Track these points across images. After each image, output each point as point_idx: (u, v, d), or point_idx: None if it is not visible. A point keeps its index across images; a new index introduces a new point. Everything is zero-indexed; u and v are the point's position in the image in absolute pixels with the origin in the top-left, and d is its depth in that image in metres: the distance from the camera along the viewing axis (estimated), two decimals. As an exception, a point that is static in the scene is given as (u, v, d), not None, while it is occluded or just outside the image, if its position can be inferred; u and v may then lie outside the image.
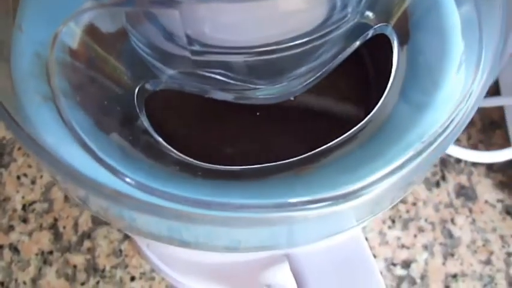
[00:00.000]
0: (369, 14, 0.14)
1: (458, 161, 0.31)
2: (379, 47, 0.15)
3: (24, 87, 0.12)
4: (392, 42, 0.15)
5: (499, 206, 0.30)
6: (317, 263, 0.13)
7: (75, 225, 0.29)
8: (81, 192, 0.12)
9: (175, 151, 0.12)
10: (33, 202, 0.29)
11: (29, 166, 0.30)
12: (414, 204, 0.30)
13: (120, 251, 0.28)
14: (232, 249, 0.12)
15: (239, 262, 0.16)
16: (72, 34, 0.13)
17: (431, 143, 0.12)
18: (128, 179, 0.11)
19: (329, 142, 0.13)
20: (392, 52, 0.15)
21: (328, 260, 0.13)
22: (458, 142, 0.31)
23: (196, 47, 0.12)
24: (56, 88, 0.12)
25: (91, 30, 0.13)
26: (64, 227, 0.29)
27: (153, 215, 0.11)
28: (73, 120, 0.11)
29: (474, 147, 0.31)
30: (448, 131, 0.12)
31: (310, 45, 0.13)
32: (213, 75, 0.13)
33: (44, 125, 0.12)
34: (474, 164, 0.31)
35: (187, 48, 0.12)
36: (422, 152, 0.12)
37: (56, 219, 0.29)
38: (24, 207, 0.29)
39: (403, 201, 0.30)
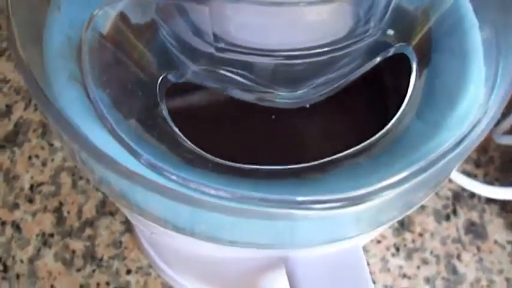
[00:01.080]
0: (391, 32, 0.15)
1: (472, 196, 0.31)
2: (397, 65, 0.16)
3: (53, 66, 0.13)
4: (411, 61, 0.16)
5: (509, 247, 0.30)
6: (313, 268, 0.14)
7: (79, 211, 0.30)
8: (97, 168, 0.13)
9: (188, 142, 0.13)
10: (41, 184, 0.30)
11: (42, 148, 0.32)
12: (421, 234, 0.30)
13: (120, 242, 0.29)
14: (233, 242, 0.13)
15: (236, 263, 0.17)
16: (106, 19, 0.14)
17: (437, 161, 0.13)
18: (142, 160, 0.12)
19: (339, 152, 0.14)
20: (410, 71, 0.15)
21: (324, 266, 0.14)
22: (474, 177, 0.31)
23: (221, 44, 0.13)
24: (85, 68, 0.13)
25: (122, 18, 0.14)
26: (68, 212, 0.30)
27: (163, 195, 0.12)
28: (97, 98, 0.13)
29: (490, 184, 0.31)
30: (456, 151, 0.13)
31: (331, 55, 0.14)
32: (234, 76, 0.14)
33: (69, 102, 0.13)
34: (488, 202, 0.31)
35: (212, 45, 0.13)
36: (426, 168, 0.13)
37: (61, 204, 0.30)
38: (31, 188, 0.30)
39: (410, 230, 0.30)
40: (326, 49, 0.14)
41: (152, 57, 0.14)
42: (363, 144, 0.14)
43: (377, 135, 0.14)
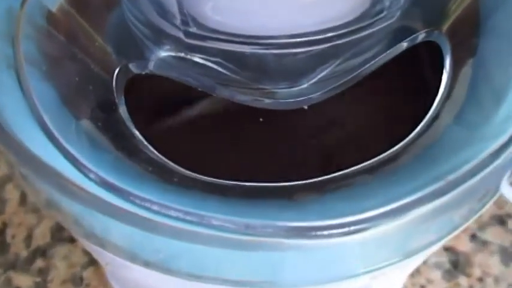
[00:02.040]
0: (414, 15, 0.16)
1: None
2: (425, 56, 0.17)
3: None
4: (443, 51, 0.16)
5: None
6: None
7: (29, 236, 0.30)
8: (41, 186, 0.13)
9: (151, 148, 0.14)
10: (-20, 199, 0.31)
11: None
12: (481, 279, 0.30)
13: (81, 279, 0.29)
14: (201, 277, 0.13)
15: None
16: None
17: (472, 175, 0.13)
18: (92, 176, 0.13)
19: (344, 167, 0.14)
20: (442, 62, 0.16)
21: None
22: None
23: (193, 29, 0.14)
24: (21, 53, 0.13)
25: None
26: (13, 237, 0.30)
27: (116, 219, 0.12)
28: (35, 93, 0.13)
29: None
30: (499, 160, 0.13)
31: (333, 43, 0.14)
32: (210, 65, 0.15)
33: (4, 98, 0.14)
34: None
35: (180, 29, 0.14)
36: (458, 183, 0.13)
37: (4, 224, 0.30)
38: (-33, 204, 0.31)
39: (467, 274, 0.30)
40: (327, 35, 0.14)
41: (108, 43, 0.15)
42: (377, 158, 0.15)
43: (397, 147, 0.15)
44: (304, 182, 0.14)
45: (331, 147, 0.17)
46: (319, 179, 0.14)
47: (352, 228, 0.13)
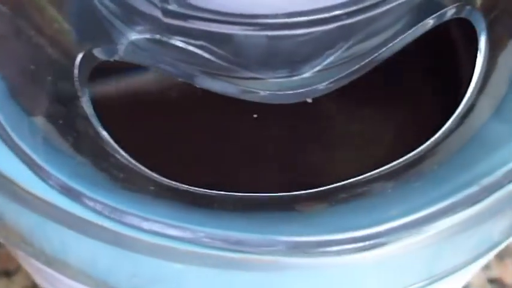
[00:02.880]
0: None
1: None
2: (456, 36, 0.17)
3: None
4: (477, 30, 0.17)
5: None
6: None
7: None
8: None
9: (121, 151, 0.15)
10: None
11: None
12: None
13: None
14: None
15: None
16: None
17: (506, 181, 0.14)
18: (51, 182, 0.14)
19: (355, 174, 0.15)
20: (475, 46, 0.17)
21: None
22: None
23: (172, 6, 0.14)
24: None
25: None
26: None
27: (81, 233, 0.13)
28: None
29: None
30: None
31: (341, 23, 0.15)
32: (192, 49, 0.15)
33: None
34: None
35: (157, 6, 0.14)
36: (494, 189, 0.14)
37: None
38: None
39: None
40: (334, 13, 0.15)
41: (69, 23, 0.15)
42: (397, 162, 0.15)
43: (422, 147, 0.16)
44: (309, 191, 0.15)
45: (342, 149, 0.18)
46: (327, 187, 0.15)
47: (367, 243, 0.13)
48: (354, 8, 0.15)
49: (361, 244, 0.13)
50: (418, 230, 0.14)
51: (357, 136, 0.18)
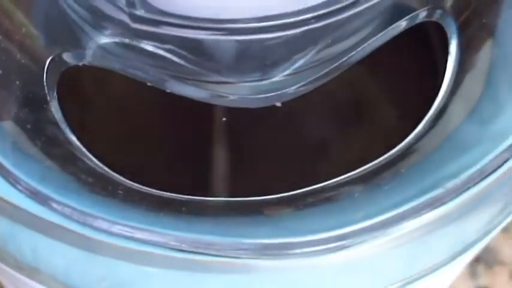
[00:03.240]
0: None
1: None
2: (427, 38, 0.19)
3: None
4: (448, 33, 0.18)
5: None
6: None
7: None
8: None
9: (90, 156, 0.16)
10: None
11: None
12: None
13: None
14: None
15: None
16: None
17: (479, 179, 0.15)
18: (20, 187, 0.15)
19: (324, 178, 0.16)
20: (446, 47, 0.18)
21: None
22: None
23: (140, 11, 0.15)
24: None
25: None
26: None
27: (48, 236, 0.14)
28: None
29: None
30: None
31: (310, 27, 0.16)
32: (161, 53, 0.17)
33: None
34: None
35: (125, 11, 0.15)
36: (457, 192, 0.15)
37: None
38: None
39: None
40: (303, 17, 0.16)
41: (37, 28, 0.17)
42: (368, 166, 0.17)
43: (393, 151, 0.17)
44: (277, 195, 0.16)
45: (311, 153, 0.19)
46: (296, 192, 0.16)
47: (333, 245, 0.15)
48: (323, 11, 0.16)
49: (326, 246, 0.15)
50: (384, 232, 0.15)
51: (325, 141, 0.20)
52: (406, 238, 0.15)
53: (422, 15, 0.19)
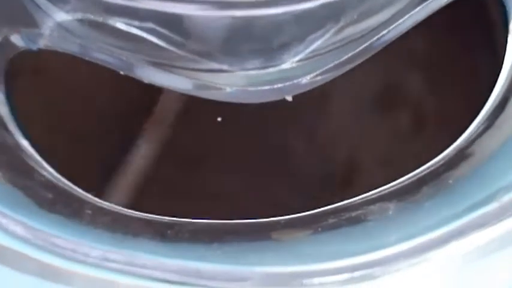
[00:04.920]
0: None
1: None
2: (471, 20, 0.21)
3: None
4: (508, 10, 0.21)
5: None
6: None
7: None
8: None
9: (48, 166, 0.18)
10: None
11: None
12: None
13: None
14: None
15: None
16: None
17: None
18: None
19: (347, 195, 0.19)
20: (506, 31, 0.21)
21: None
22: None
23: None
24: None
25: None
26: None
27: (7, 265, 0.16)
28: None
29: None
30: None
31: (323, 1, 0.18)
32: (137, 32, 0.19)
33: None
34: None
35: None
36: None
37: None
38: None
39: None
40: None
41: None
42: (402, 180, 0.19)
43: (438, 158, 0.19)
44: (288, 217, 0.18)
45: (331, 162, 0.21)
46: (311, 212, 0.18)
47: (358, 273, 0.17)
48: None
49: (349, 275, 0.17)
50: (424, 257, 0.17)
51: (351, 148, 0.22)
52: (453, 265, 0.17)
53: None
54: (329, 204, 0.18)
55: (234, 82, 0.20)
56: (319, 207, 0.18)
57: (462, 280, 0.17)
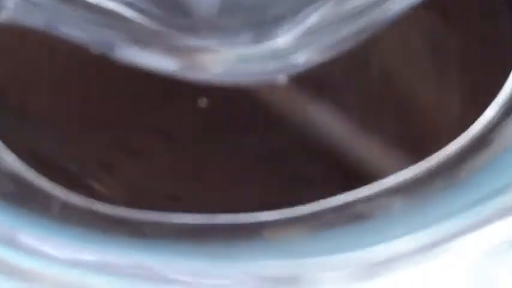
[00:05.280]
0: None
1: None
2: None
3: None
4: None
5: None
6: None
7: None
8: None
9: (15, 156, 0.18)
10: None
11: None
12: None
13: None
14: None
15: None
16: None
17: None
18: None
19: (347, 187, 0.18)
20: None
21: None
22: None
23: None
24: None
25: None
26: None
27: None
28: None
29: None
30: None
31: None
32: (112, 5, 0.19)
33: None
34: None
35: None
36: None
37: None
38: None
39: None
40: None
41: None
42: (409, 172, 0.19)
43: (451, 148, 0.19)
44: (278, 211, 0.18)
45: (331, 152, 0.21)
46: (307, 208, 0.18)
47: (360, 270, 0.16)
48: None
49: (352, 272, 0.16)
50: (432, 254, 0.16)
51: (351, 136, 0.22)
52: (464, 262, 0.17)
53: None
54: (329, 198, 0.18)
55: (221, 61, 0.19)
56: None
57: (474, 281, 0.17)
